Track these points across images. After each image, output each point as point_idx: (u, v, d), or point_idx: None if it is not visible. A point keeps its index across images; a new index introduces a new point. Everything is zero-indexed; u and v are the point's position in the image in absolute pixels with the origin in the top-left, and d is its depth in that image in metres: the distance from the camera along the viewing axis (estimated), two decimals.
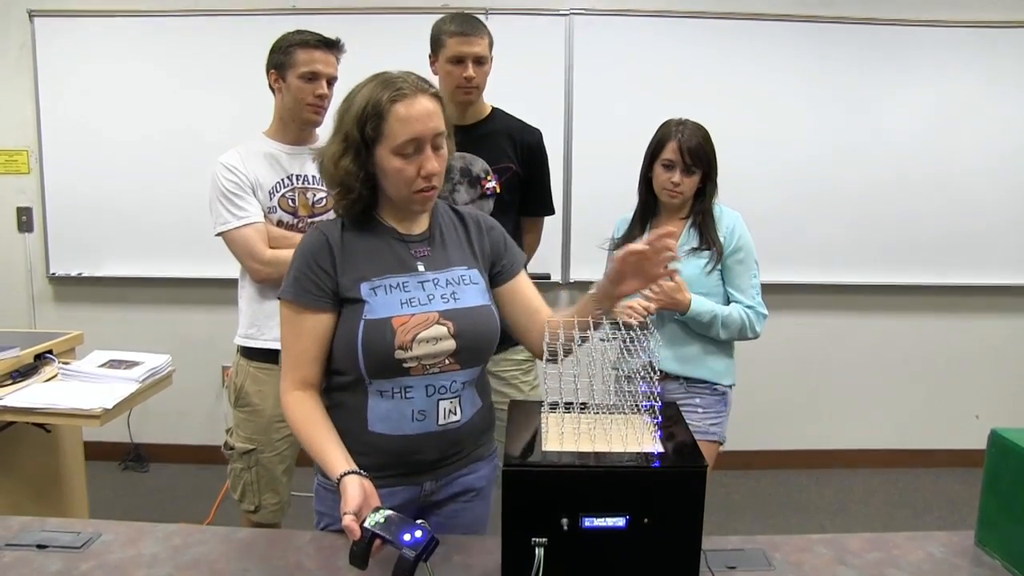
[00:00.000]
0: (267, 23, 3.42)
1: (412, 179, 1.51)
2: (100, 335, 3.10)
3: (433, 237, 1.64)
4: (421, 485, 1.62)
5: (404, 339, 1.50)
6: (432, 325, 1.53)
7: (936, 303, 4.15)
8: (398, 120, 1.46)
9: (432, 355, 1.53)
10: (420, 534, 1.23)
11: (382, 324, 1.51)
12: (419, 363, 1.52)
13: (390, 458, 1.56)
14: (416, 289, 1.56)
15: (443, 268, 1.61)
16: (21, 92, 3.92)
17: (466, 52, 2.39)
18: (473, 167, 2.48)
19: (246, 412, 2.38)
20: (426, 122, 1.48)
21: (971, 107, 3.93)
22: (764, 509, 3.82)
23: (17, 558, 1.44)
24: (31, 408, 2.29)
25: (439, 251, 1.63)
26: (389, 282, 1.55)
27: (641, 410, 1.46)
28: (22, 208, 4.03)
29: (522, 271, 1.74)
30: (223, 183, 2.25)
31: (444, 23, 2.44)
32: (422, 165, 1.50)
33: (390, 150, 1.48)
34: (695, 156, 2.26)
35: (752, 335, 2.32)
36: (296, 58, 2.27)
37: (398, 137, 1.47)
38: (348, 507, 1.32)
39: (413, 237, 1.61)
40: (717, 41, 3.85)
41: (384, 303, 1.53)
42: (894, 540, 1.55)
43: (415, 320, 1.52)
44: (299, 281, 1.54)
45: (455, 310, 1.56)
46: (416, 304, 1.54)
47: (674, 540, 1.27)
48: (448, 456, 1.62)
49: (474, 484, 1.69)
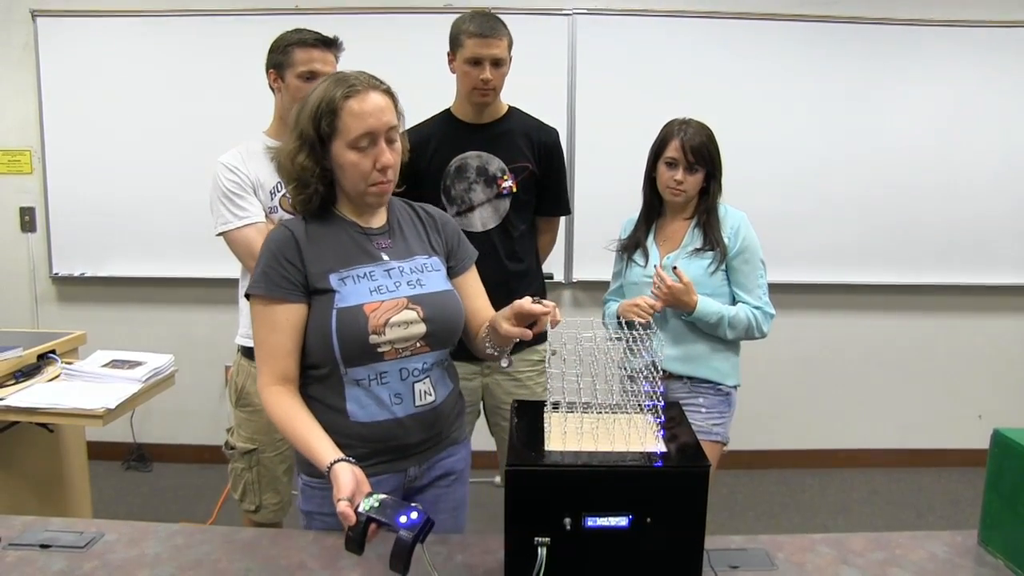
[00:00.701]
0: (270, 23, 3.40)
1: (368, 172, 1.57)
2: (103, 335, 3.11)
3: (392, 229, 1.70)
4: (405, 471, 1.66)
5: (376, 323, 1.55)
6: (402, 310, 1.58)
7: (940, 303, 4.15)
8: (351, 115, 1.53)
9: (404, 339, 1.58)
10: (416, 516, 1.25)
11: (354, 311, 1.55)
12: (392, 347, 1.57)
13: (374, 445, 1.60)
14: (383, 277, 1.61)
15: (406, 257, 1.67)
16: (24, 92, 3.92)
17: (484, 54, 2.36)
18: (489, 166, 2.47)
19: (247, 412, 2.38)
20: (379, 116, 1.54)
21: (977, 106, 3.93)
22: (767, 509, 3.82)
23: (20, 558, 1.45)
24: (34, 408, 2.30)
25: (400, 242, 1.69)
26: (356, 272, 1.60)
27: (644, 410, 1.46)
28: (25, 208, 4.03)
29: (471, 269, 1.80)
30: (224, 183, 2.25)
31: (463, 22, 2.40)
32: (377, 158, 1.56)
33: (345, 144, 1.54)
34: (698, 154, 2.26)
35: (759, 335, 2.32)
36: (294, 57, 2.26)
37: (352, 131, 1.53)
38: (341, 494, 1.33)
39: (373, 230, 1.67)
40: (721, 41, 3.85)
41: (354, 291, 1.57)
42: (897, 540, 1.55)
43: (386, 306, 1.57)
44: (268, 275, 1.57)
45: (422, 295, 1.62)
46: (384, 291, 1.59)
47: (677, 540, 1.27)
48: (428, 438, 1.66)
49: (454, 467, 1.75)
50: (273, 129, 2.38)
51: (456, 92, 2.49)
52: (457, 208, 2.47)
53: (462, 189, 2.47)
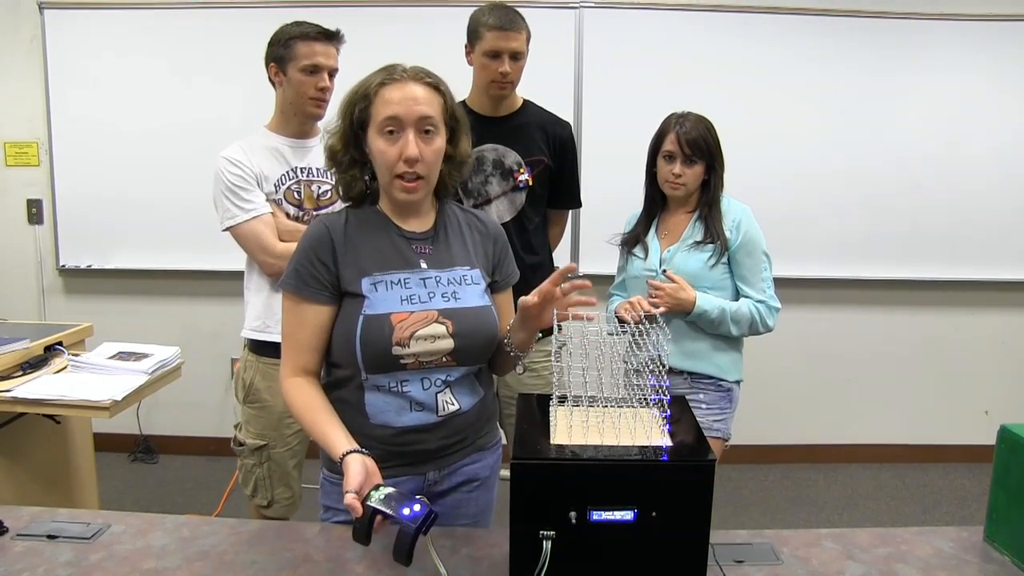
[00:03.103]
0: (277, 15, 3.40)
1: (393, 162, 1.52)
2: (110, 327, 3.12)
3: (437, 236, 1.64)
4: (425, 475, 1.62)
5: (402, 336, 1.51)
6: (431, 323, 1.53)
7: (946, 298, 4.14)
8: (382, 101, 1.50)
9: (430, 353, 1.54)
10: (419, 508, 1.26)
11: (381, 320, 1.52)
12: (416, 359, 1.53)
13: (393, 448, 1.57)
14: (417, 286, 1.57)
15: (445, 267, 1.61)
16: (31, 85, 3.93)
17: (503, 47, 2.35)
18: (506, 159, 2.47)
19: (256, 408, 2.37)
20: (409, 105, 1.50)
21: (982, 101, 3.91)
22: (772, 503, 3.81)
23: (27, 548, 1.46)
24: (41, 399, 2.31)
25: (442, 249, 1.63)
26: (390, 278, 1.56)
27: (650, 404, 1.46)
28: (32, 200, 4.05)
29: (508, 291, 1.75)
30: (228, 177, 2.23)
31: (482, 15, 2.39)
32: (403, 148, 1.51)
33: (375, 131, 1.52)
34: (695, 147, 2.24)
35: (764, 329, 2.30)
36: (296, 51, 2.24)
37: (379, 116, 1.51)
38: (350, 486, 1.33)
39: (416, 234, 1.62)
40: (728, 35, 3.83)
41: (384, 299, 1.54)
42: (903, 535, 1.55)
43: (414, 317, 1.53)
44: (299, 273, 1.56)
45: (455, 309, 1.57)
46: (416, 301, 1.55)
47: (682, 534, 1.27)
48: (450, 445, 1.63)
49: (478, 473, 1.70)
50: (274, 123, 2.37)
51: (472, 84, 2.48)
52: (474, 201, 2.47)
53: (479, 182, 2.47)
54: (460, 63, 2.44)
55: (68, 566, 1.39)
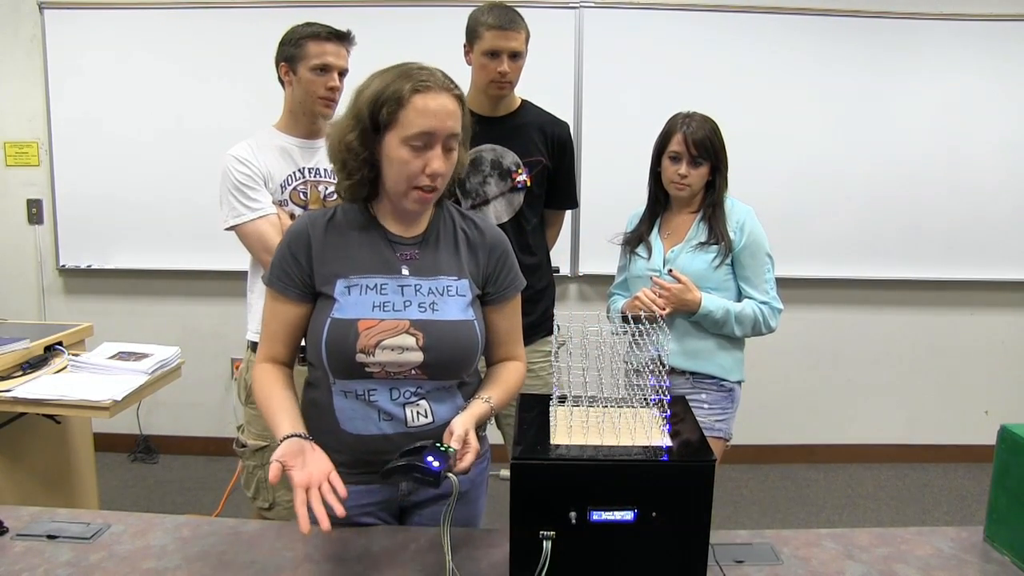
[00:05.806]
0: (278, 15, 3.42)
1: (415, 174, 1.46)
2: (110, 327, 3.12)
3: (427, 242, 1.58)
4: (398, 485, 1.58)
5: (367, 343, 1.47)
6: (400, 333, 1.49)
7: (946, 298, 4.14)
8: (416, 110, 1.43)
9: (396, 364, 1.49)
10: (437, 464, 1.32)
11: (347, 325, 1.48)
12: (383, 369, 1.50)
13: (364, 456, 1.52)
14: (394, 293, 1.52)
15: (429, 275, 1.55)
16: (31, 84, 3.93)
17: (502, 47, 2.35)
18: (504, 160, 2.47)
19: (258, 410, 2.35)
20: (444, 119, 1.44)
21: (982, 101, 3.91)
22: (772, 503, 3.81)
23: (27, 548, 1.46)
24: (41, 399, 2.30)
25: (429, 257, 1.57)
26: (366, 282, 1.52)
27: (650, 404, 1.46)
28: (32, 200, 4.04)
29: (508, 304, 1.65)
30: (235, 175, 2.23)
31: (481, 14, 2.39)
32: (428, 162, 1.45)
33: (400, 139, 1.44)
34: (701, 147, 2.24)
35: (767, 330, 2.30)
36: (307, 51, 2.25)
37: (411, 127, 1.43)
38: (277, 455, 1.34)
39: (404, 239, 1.57)
40: (728, 35, 3.83)
41: (355, 303, 1.50)
42: (902, 535, 1.55)
43: (383, 325, 1.48)
44: (275, 268, 1.56)
45: (429, 321, 1.51)
46: (389, 309, 1.50)
47: (682, 534, 1.27)
48: None
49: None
50: (283, 122, 2.37)
51: (471, 84, 2.48)
52: (472, 202, 2.47)
53: (477, 182, 2.47)
54: (459, 63, 2.43)
55: (68, 566, 1.39)
